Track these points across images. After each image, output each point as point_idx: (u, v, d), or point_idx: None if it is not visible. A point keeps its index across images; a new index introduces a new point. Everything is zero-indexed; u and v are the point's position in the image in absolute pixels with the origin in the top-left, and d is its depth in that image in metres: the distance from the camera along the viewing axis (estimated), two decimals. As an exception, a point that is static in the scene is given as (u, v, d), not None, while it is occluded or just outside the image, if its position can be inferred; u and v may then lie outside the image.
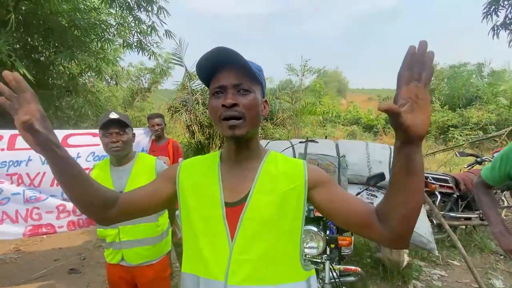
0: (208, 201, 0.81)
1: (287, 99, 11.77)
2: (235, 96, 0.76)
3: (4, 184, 2.58)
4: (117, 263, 1.68)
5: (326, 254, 1.91)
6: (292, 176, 0.82)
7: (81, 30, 5.41)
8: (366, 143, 2.80)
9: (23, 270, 3.34)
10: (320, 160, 2.61)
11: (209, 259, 0.78)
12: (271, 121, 10.90)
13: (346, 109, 30.53)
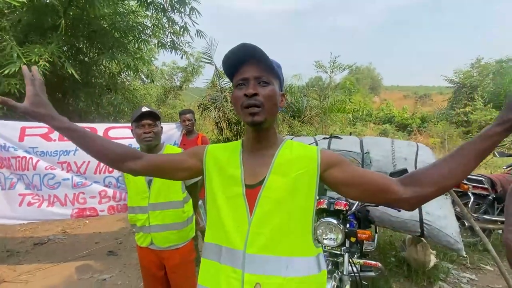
0: (231, 182, 0.92)
1: (315, 97, 11.65)
2: (256, 87, 0.86)
3: (56, 170, 2.91)
4: (147, 247, 1.82)
5: (346, 247, 1.95)
6: (306, 159, 0.90)
7: (120, 32, 5.82)
8: (391, 140, 2.76)
9: (68, 250, 3.73)
10: (343, 155, 2.63)
11: (230, 231, 0.89)
12: (298, 118, 10.86)
13: (379, 107, 29.36)
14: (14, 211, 2.86)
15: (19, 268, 3.24)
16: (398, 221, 2.38)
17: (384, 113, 25.95)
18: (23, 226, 4.35)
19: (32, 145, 2.85)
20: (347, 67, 9.75)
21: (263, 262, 0.85)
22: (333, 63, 9.42)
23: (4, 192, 2.85)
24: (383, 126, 21.92)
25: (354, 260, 2.11)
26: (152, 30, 6.41)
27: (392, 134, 18.24)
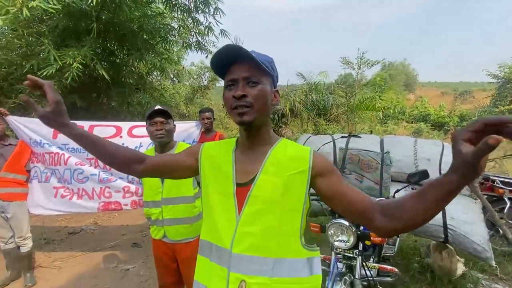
0: (223, 180, 0.93)
1: (342, 94, 11.31)
2: (244, 87, 0.85)
3: (85, 166, 3.11)
4: (160, 239, 1.90)
5: (358, 250, 1.88)
6: (298, 161, 0.89)
7: (148, 33, 6.05)
8: (415, 139, 2.61)
9: (97, 240, 3.98)
10: (361, 155, 2.54)
11: (220, 229, 0.90)
12: (324, 116, 10.63)
13: (413, 105, 27.86)
14: (50, 202, 3.10)
15: (53, 255, 3.52)
16: (419, 225, 2.25)
17: (418, 111, 24.60)
18: (60, 217, 4.71)
19: (64, 142, 3.07)
20: (375, 63, 9.30)
21: (249, 262, 0.85)
22: (360, 59, 9.04)
23: (40, 185, 3.10)
24: (417, 124, 20.79)
25: (370, 264, 2.04)
26: (178, 31, 6.60)
27: (427, 133, 17.24)
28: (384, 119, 18.84)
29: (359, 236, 1.88)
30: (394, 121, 21.00)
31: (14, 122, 2.99)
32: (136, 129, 3.24)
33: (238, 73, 0.86)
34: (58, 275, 3.11)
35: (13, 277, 2.94)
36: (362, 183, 2.49)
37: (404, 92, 43.54)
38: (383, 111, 16.63)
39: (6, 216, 2.83)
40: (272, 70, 0.91)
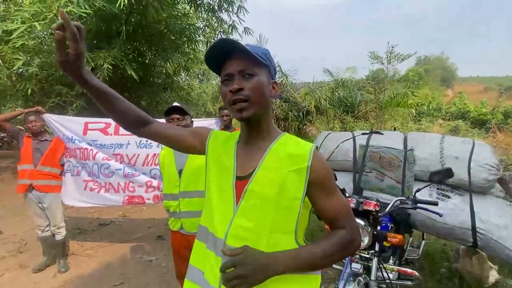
0: (224, 171, 0.93)
1: (371, 90, 10.88)
2: (240, 81, 0.84)
3: (111, 161, 3.28)
4: (178, 230, 1.99)
5: (375, 250, 1.80)
6: (297, 158, 0.87)
7: (175, 34, 6.26)
8: (442, 136, 2.43)
9: (125, 232, 4.20)
10: (382, 153, 2.42)
11: (216, 218, 0.91)
12: (351, 114, 10.31)
13: (450, 101, 26.10)
14: (81, 195, 3.33)
15: (85, 244, 3.77)
16: (444, 227, 2.10)
17: (456, 107, 22.97)
18: (92, 209, 5.02)
19: (93, 138, 3.27)
20: (407, 56, 8.81)
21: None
22: (390, 53, 8.62)
23: (73, 178, 3.33)
24: (455, 122, 19.44)
25: (388, 266, 1.95)
26: (203, 31, 6.75)
27: (465, 132, 16.05)
28: (417, 116, 17.82)
29: (375, 236, 1.80)
30: (429, 119, 19.78)
31: (50, 119, 3.24)
32: None
33: (233, 67, 0.85)
34: (88, 263, 3.32)
35: (49, 262, 3.20)
36: (383, 182, 2.38)
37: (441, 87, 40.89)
38: (417, 108, 15.76)
39: (43, 206, 3.08)
40: (268, 61, 0.89)
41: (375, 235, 1.79)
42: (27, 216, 4.65)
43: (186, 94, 8.22)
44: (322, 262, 0.84)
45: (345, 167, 2.60)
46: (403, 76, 20.08)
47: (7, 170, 7.20)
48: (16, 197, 5.62)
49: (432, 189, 2.20)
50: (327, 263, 0.85)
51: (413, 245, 2.69)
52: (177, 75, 8.16)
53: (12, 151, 9.51)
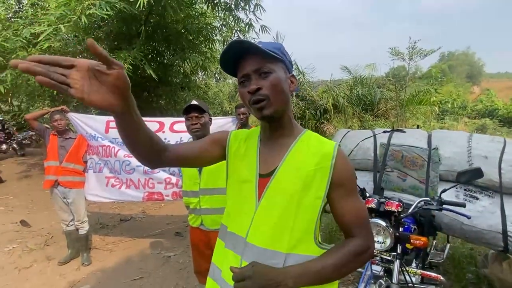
0: (247, 169, 0.92)
1: (392, 88, 10.55)
2: (257, 80, 0.83)
3: (132, 158, 3.36)
4: (198, 227, 2.01)
5: (396, 253, 1.74)
6: (321, 156, 0.85)
7: (192, 34, 6.32)
8: (469, 134, 2.31)
9: (145, 228, 4.30)
10: (405, 151, 2.33)
11: (237, 217, 0.91)
12: (370, 112, 10.04)
13: (476, 98, 24.91)
14: (103, 191, 3.43)
15: (107, 238, 3.89)
16: (472, 230, 1.99)
17: (483, 105, 21.92)
18: (114, 205, 5.19)
19: (115, 136, 3.36)
20: (430, 52, 8.44)
21: (262, 253, 0.83)
22: (412, 48, 8.29)
23: (95, 174, 3.44)
24: (482, 120, 18.54)
25: (411, 269, 1.87)
26: (220, 30, 6.78)
27: (493, 130, 15.27)
28: (441, 114, 17.15)
29: (397, 238, 1.73)
30: (454, 117, 18.97)
31: (74, 118, 3.36)
32: (177, 124, 3.41)
33: (248, 68, 0.84)
34: (109, 257, 3.43)
35: (73, 255, 3.33)
36: (405, 182, 2.29)
37: (466, 84, 39.07)
38: (440, 105, 15.15)
39: (67, 201, 3.20)
40: (282, 55, 0.87)
41: (397, 236, 1.72)
42: (53, 211, 4.86)
43: (203, 93, 8.31)
44: (334, 275, 0.81)
45: (365, 166, 2.53)
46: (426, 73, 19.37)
47: (35, 167, 7.57)
48: (44, 192, 5.90)
49: (459, 190, 2.10)
50: (339, 275, 0.83)
51: (437, 248, 2.58)
52: (194, 74, 8.26)
53: (40, 148, 9.99)
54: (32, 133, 9.76)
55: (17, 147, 8.60)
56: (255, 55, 0.83)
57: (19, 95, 7.81)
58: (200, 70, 7.36)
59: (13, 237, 3.91)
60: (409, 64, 8.92)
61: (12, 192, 5.98)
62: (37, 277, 3.00)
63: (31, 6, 5.09)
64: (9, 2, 5.44)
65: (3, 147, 8.13)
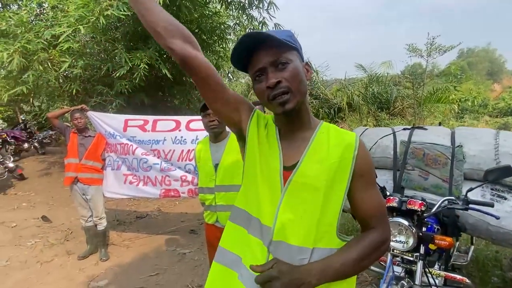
0: (269, 159, 0.87)
1: (408, 86, 10.28)
2: (275, 73, 0.79)
3: (149, 156, 3.40)
4: (213, 224, 2.01)
5: (419, 253, 1.67)
6: (343, 148, 0.83)
7: (206, 33, 6.35)
8: (496, 131, 2.20)
9: (160, 225, 4.35)
10: (426, 149, 2.25)
11: (264, 206, 0.85)
12: (386, 110, 9.83)
13: (498, 96, 23.97)
14: (121, 188, 3.49)
15: (124, 235, 3.97)
16: (500, 232, 1.90)
17: (506, 103, 21.06)
18: (130, 202, 5.29)
19: (132, 134, 3.41)
20: (449, 48, 8.15)
21: (290, 249, 0.81)
22: (430, 45, 8.03)
23: (113, 172, 3.51)
24: (504, 119, 17.82)
25: (434, 271, 1.80)
26: (233, 29, 6.79)
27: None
28: (460, 113, 16.59)
29: (421, 238, 1.67)
30: (473, 115, 18.31)
31: (93, 116, 3.44)
32: (193, 123, 3.42)
33: (263, 60, 0.79)
34: (126, 252, 3.49)
35: (91, 251, 3.41)
36: (427, 181, 2.21)
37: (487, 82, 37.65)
38: (459, 104, 14.64)
39: (86, 197, 3.28)
40: (295, 42, 0.83)
41: (420, 236, 1.66)
42: (72, 207, 5.01)
43: (217, 92, 8.35)
44: (355, 268, 0.81)
45: (384, 164, 2.46)
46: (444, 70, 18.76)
47: (55, 165, 7.82)
48: (63, 189, 6.08)
49: (485, 189, 2.00)
50: (360, 269, 0.83)
51: (460, 250, 2.48)
52: (208, 73, 8.31)
53: (59, 147, 10.32)
54: (52, 133, 10.08)
55: (38, 146, 8.90)
56: (269, 46, 0.79)
57: (40, 95, 8.08)
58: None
59: (35, 232, 4.04)
60: (427, 61, 8.66)
61: (34, 189, 6.19)
62: (58, 271, 3.09)
63: (51, 9, 5.24)
64: (31, 5, 5.61)
65: (25, 146, 8.42)
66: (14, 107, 11.95)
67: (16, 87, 6.04)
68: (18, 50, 4.66)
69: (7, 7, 6.74)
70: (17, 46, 4.63)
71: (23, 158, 8.35)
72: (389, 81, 9.93)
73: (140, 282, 2.86)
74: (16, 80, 6.23)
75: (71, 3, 4.44)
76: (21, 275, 2.99)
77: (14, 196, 5.84)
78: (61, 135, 4.35)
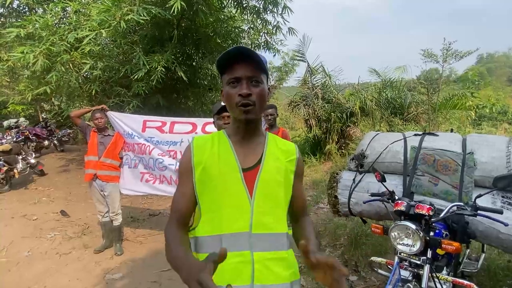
0: (227, 168, 0.94)
1: (423, 91, 10.12)
2: (249, 87, 0.91)
3: (165, 157, 3.53)
4: None
5: (426, 257, 1.70)
6: (288, 152, 1.05)
7: (221, 37, 6.50)
8: (509, 138, 2.20)
9: (172, 223, 4.47)
10: (437, 155, 2.27)
11: (231, 217, 0.91)
12: (400, 116, 9.70)
13: (518, 103, 23.14)
14: (137, 186, 3.63)
15: (137, 231, 4.10)
16: (510, 239, 1.89)
17: (526, 110, 20.29)
18: (144, 200, 5.45)
19: (150, 135, 3.55)
20: (466, 54, 7.99)
21: (267, 239, 0.92)
22: (447, 50, 7.89)
23: (130, 170, 3.65)
24: (524, 126, 17.18)
25: (441, 276, 1.82)
26: (248, 33, 6.91)
27: (537, 138, 14.10)
28: (478, 120, 16.15)
29: (428, 242, 1.69)
30: (492, 123, 17.76)
31: (112, 116, 3.60)
32: (208, 126, 3.52)
33: (242, 72, 0.91)
34: (140, 248, 3.62)
35: (107, 245, 3.55)
36: (437, 187, 2.22)
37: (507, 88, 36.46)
38: (476, 110, 14.27)
39: (104, 194, 3.43)
40: (267, 69, 0.99)
41: (428, 241, 1.69)
42: (89, 203, 5.20)
43: (229, 94, 8.46)
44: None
45: (394, 169, 2.49)
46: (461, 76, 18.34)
47: (73, 162, 8.12)
48: (81, 185, 6.32)
49: (496, 196, 2.01)
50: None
51: (470, 258, 2.47)
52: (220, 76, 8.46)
53: (76, 145, 10.70)
54: (70, 131, 10.47)
55: (57, 144, 9.26)
56: (251, 63, 0.91)
57: (61, 95, 8.41)
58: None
59: (55, 226, 4.24)
60: (443, 66, 8.52)
61: (53, 184, 6.46)
62: (75, 263, 3.24)
63: (74, 13, 5.49)
64: (55, 9, 5.89)
65: (45, 143, 8.78)
66: (36, 105, 12.46)
67: (39, 87, 6.35)
68: (43, 52, 4.91)
69: (33, 10, 7.09)
70: (43, 48, 4.87)
71: (43, 155, 8.70)
72: (404, 86, 9.80)
73: (154, 276, 2.96)
74: (40, 80, 6.54)
75: (94, 7, 4.66)
76: (42, 266, 3.15)
77: (35, 190, 6.11)
78: (82, 133, 4.54)
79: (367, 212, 2.53)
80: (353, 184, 2.61)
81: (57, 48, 5.01)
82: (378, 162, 2.51)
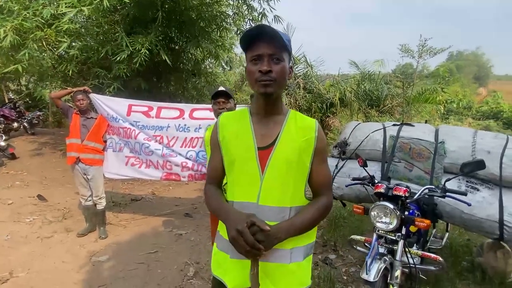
0: (244, 146, 1.06)
1: (399, 85, 10.58)
2: (269, 63, 0.97)
3: (151, 142, 3.52)
4: None
5: (401, 233, 1.90)
6: (307, 130, 1.08)
7: (205, 21, 6.37)
8: (475, 130, 2.45)
9: (155, 208, 4.48)
10: (413, 144, 2.48)
11: (243, 188, 1.06)
12: (376, 108, 10.12)
13: (482, 100, 24.83)
14: (121, 169, 3.60)
15: (120, 215, 4.09)
16: (471, 219, 2.16)
17: (489, 106, 21.88)
18: (124, 185, 5.38)
19: (136, 119, 3.50)
20: (440, 51, 8.46)
21: (271, 211, 1.02)
22: (422, 46, 8.30)
23: (115, 154, 3.60)
24: (486, 122, 18.58)
25: (412, 250, 2.04)
26: (233, 18, 6.83)
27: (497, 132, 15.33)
28: (446, 114, 17.19)
29: (403, 220, 1.89)
30: (458, 117, 19.00)
31: (96, 99, 3.50)
32: (196, 112, 3.53)
33: (263, 50, 0.97)
34: (124, 232, 3.63)
35: (90, 229, 3.52)
36: (412, 172, 2.45)
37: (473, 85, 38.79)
38: (445, 105, 15.17)
39: (87, 177, 3.38)
40: (290, 48, 1.02)
41: (403, 219, 1.89)
42: (67, 187, 5.08)
43: (213, 80, 8.38)
44: (310, 225, 1.07)
45: (373, 156, 2.68)
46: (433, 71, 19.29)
47: (46, 145, 7.75)
48: (56, 170, 6.11)
49: (462, 181, 2.25)
50: (314, 225, 1.09)
51: (436, 236, 2.76)
52: (204, 62, 8.31)
53: (47, 128, 10.18)
54: (40, 113, 9.90)
55: (27, 126, 8.76)
56: (272, 40, 0.96)
57: (33, 74, 7.90)
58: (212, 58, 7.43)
59: (33, 210, 4.11)
60: (418, 61, 8.95)
61: (26, 168, 6.17)
62: (59, 246, 3.21)
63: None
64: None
65: (14, 125, 8.28)
66: (0, 85, 11.59)
67: (8, 64, 5.93)
68: (13, 26, 4.59)
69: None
70: (14, 23, 4.56)
71: (13, 137, 8.21)
72: (381, 79, 10.19)
73: (141, 258, 3.01)
74: (8, 57, 6.10)
75: (72, -18, 4.39)
76: (25, 249, 3.09)
77: (7, 174, 5.81)
78: (63, 115, 4.38)
79: (347, 196, 2.72)
80: (335, 170, 2.79)
81: (29, 23, 4.70)
82: (359, 149, 2.70)
